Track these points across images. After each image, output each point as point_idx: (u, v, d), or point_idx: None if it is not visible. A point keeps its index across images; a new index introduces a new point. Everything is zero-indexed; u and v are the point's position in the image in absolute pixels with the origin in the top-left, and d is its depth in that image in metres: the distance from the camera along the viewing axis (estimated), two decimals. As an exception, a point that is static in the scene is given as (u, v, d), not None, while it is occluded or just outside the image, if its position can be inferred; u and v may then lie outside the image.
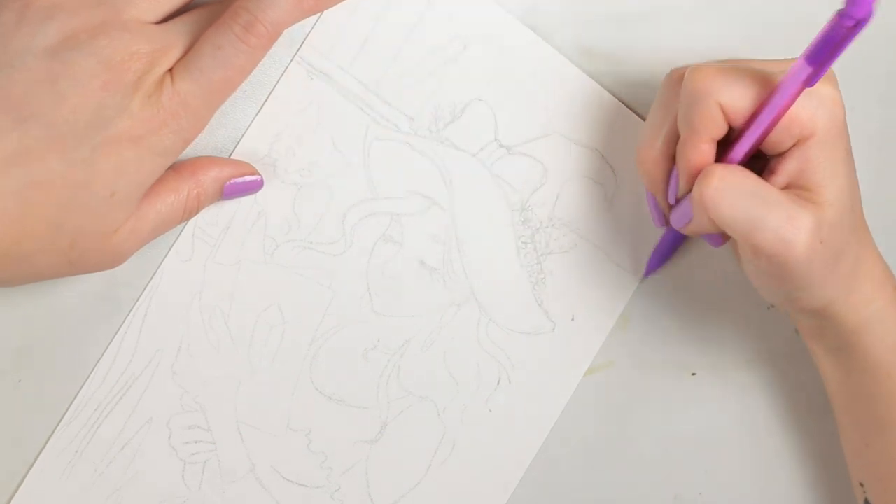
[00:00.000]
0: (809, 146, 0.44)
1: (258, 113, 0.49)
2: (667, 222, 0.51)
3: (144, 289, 0.50)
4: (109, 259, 0.45)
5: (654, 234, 0.53)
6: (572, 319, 0.53)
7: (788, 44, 0.52)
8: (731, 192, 0.43)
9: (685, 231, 0.48)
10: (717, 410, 0.56)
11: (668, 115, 0.47)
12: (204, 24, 0.44)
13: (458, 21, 0.50)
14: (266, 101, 0.49)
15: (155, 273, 0.50)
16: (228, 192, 0.48)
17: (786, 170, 0.44)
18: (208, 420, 0.51)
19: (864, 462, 0.51)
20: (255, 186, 0.49)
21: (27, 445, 0.50)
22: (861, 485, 0.51)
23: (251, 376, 0.51)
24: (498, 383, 0.53)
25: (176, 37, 0.43)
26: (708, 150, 0.44)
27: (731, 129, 0.45)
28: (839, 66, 0.53)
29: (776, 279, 0.45)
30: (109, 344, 0.50)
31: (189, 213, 0.47)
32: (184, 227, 0.49)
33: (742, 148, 0.44)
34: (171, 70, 0.43)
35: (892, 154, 0.55)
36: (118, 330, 0.50)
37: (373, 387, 0.52)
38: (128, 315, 0.50)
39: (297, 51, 0.49)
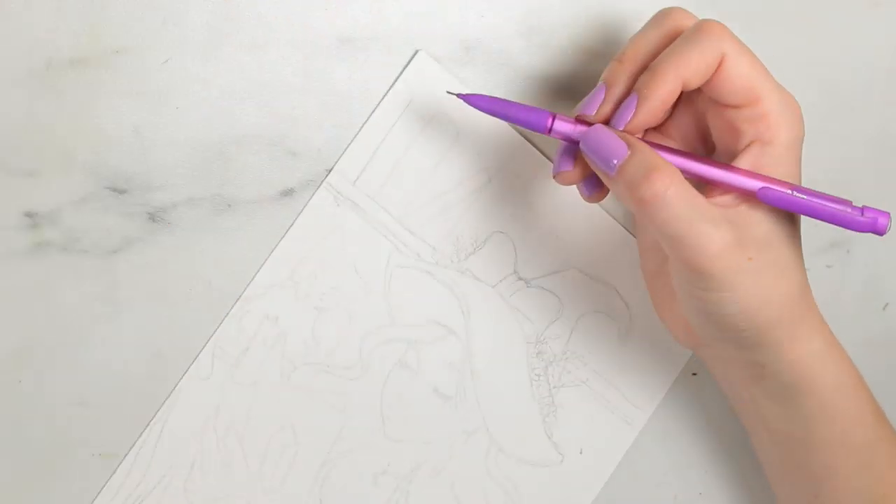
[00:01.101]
0: (766, 154, 0.43)
1: (283, 236, 0.50)
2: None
3: (162, 405, 0.50)
4: None
5: (666, 371, 0.54)
6: (580, 453, 0.54)
7: (790, 43, 0.53)
8: (667, 207, 0.41)
9: (599, 173, 0.44)
10: (717, 410, 0.56)
11: (653, 45, 0.45)
12: None
13: (484, 154, 0.51)
14: (292, 224, 0.50)
15: (173, 390, 0.50)
16: None
17: None
18: (215, 534, 0.52)
19: None
20: None
21: (27, 445, 0.50)
22: None
23: (262, 496, 0.52)
24: (504, 510, 0.54)
25: None
26: (676, 90, 0.43)
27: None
28: (841, 63, 0.54)
29: (703, 295, 0.43)
30: (125, 458, 0.50)
31: None
32: (203, 345, 0.50)
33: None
34: None
35: (893, 154, 0.56)
36: (134, 444, 0.50)
37: (380, 508, 0.53)
38: (143, 430, 0.50)
39: (326, 177, 0.50)
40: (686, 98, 0.46)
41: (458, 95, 0.45)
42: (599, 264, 0.53)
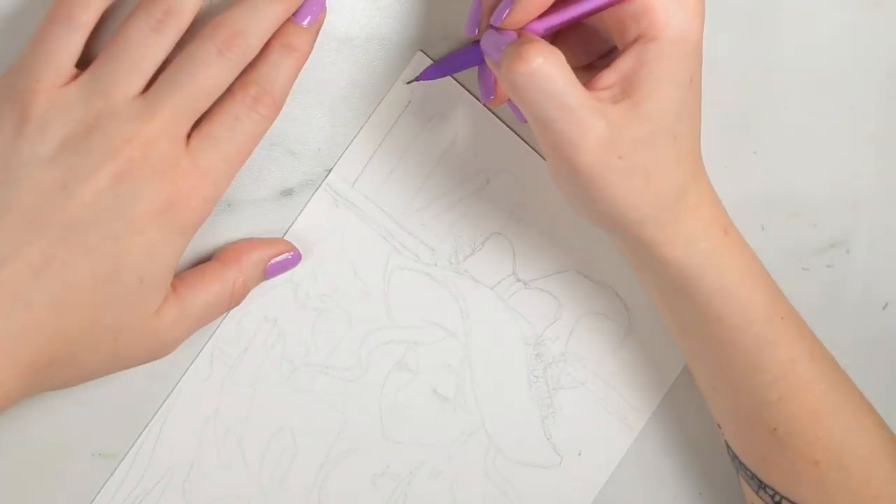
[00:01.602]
0: (649, 49, 0.40)
1: (283, 236, 0.50)
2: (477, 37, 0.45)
3: (161, 405, 0.50)
4: (157, 348, 0.45)
5: (665, 373, 0.54)
6: (579, 454, 0.54)
7: (790, 42, 0.53)
8: (539, 84, 0.39)
9: (493, 69, 0.43)
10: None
11: None
12: (183, 80, 0.42)
13: (482, 156, 0.51)
14: (291, 225, 0.50)
15: (173, 390, 0.50)
16: (270, 272, 0.49)
17: (620, 68, 0.41)
18: (214, 534, 0.52)
19: (714, 405, 0.50)
20: (294, 262, 0.50)
21: (27, 445, 0.50)
22: (719, 426, 0.51)
23: (261, 497, 0.52)
24: (502, 511, 0.54)
25: (163, 105, 0.42)
26: None
27: None
28: (841, 63, 0.54)
29: (573, 185, 0.42)
30: (124, 457, 0.50)
31: (236, 299, 0.48)
32: (203, 346, 0.50)
33: (582, 8, 0.42)
34: (186, 139, 0.43)
35: (894, 153, 0.56)
36: (133, 444, 0.50)
37: (379, 510, 0.53)
38: (143, 430, 0.50)
39: (325, 178, 0.50)
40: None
41: (417, 79, 0.48)
42: (598, 265, 0.53)
